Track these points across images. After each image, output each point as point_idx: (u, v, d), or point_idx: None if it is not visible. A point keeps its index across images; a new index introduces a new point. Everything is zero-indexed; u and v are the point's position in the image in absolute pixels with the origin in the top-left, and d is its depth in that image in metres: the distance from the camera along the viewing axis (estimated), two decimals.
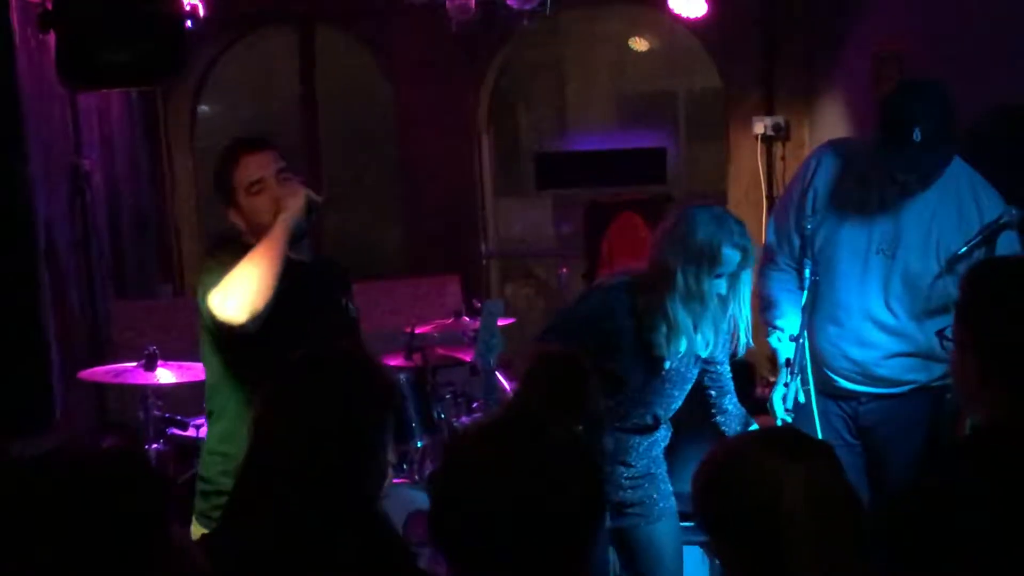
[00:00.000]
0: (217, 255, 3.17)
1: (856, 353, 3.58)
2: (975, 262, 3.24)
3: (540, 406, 2.59)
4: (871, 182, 3.58)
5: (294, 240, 3.09)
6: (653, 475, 3.60)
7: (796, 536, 1.79)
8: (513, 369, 4.32)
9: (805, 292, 3.48)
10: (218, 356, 3.23)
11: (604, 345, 3.32)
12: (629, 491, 3.52)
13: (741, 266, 3.28)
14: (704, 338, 3.41)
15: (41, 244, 4.85)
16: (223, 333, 3.06)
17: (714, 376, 3.60)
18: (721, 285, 3.29)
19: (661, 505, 3.60)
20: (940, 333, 2.84)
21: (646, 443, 3.56)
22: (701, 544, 4.40)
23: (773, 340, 3.85)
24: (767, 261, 3.90)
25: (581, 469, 1.85)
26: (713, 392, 3.64)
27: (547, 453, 1.82)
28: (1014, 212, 3.40)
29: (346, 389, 2.20)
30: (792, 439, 1.97)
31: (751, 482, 1.84)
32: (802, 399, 3.54)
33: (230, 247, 3.19)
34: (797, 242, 3.76)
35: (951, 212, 3.52)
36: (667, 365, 3.41)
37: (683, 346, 3.36)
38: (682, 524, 4.47)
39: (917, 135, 3.33)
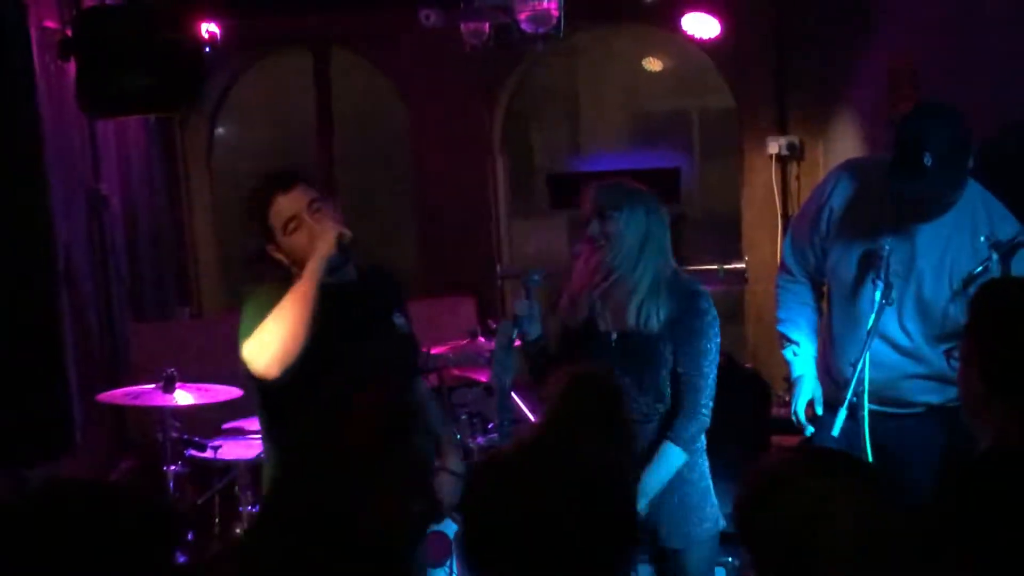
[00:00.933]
0: (258, 293, 3.23)
1: (872, 374, 3.52)
2: (984, 281, 3.24)
3: (572, 427, 2.57)
4: (888, 203, 3.58)
5: (331, 273, 3.14)
6: None
7: (842, 567, 1.75)
8: (536, 389, 4.36)
9: (872, 316, 3.41)
10: (258, 400, 3.29)
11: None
12: None
13: (597, 210, 3.36)
14: (638, 303, 3.38)
15: (60, 268, 4.89)
16: (256, 381, 3.14)
17: (679, 382, 3.40)
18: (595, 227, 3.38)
19: None
20: (948, 353, 2.83)
21: None
22: (724, 564, 4.41)
23: (788, 354, 3.86)
24: (784, 274, 3.92)
25: (615, 491, 1.84)
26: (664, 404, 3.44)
27: (582, 475, 1.82)
28: None
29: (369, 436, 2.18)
30: (844, 464, 1.91)
31: (801, 509, 1.79)
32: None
33: (275, 283, 3.24)
34: (812, 259, 3.78)
35: (965, 238, 3.52)
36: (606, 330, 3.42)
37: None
38: None
39: (928, 160, 3.32)
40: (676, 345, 3.37)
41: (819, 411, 3.74)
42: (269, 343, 3.04)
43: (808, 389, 3.78)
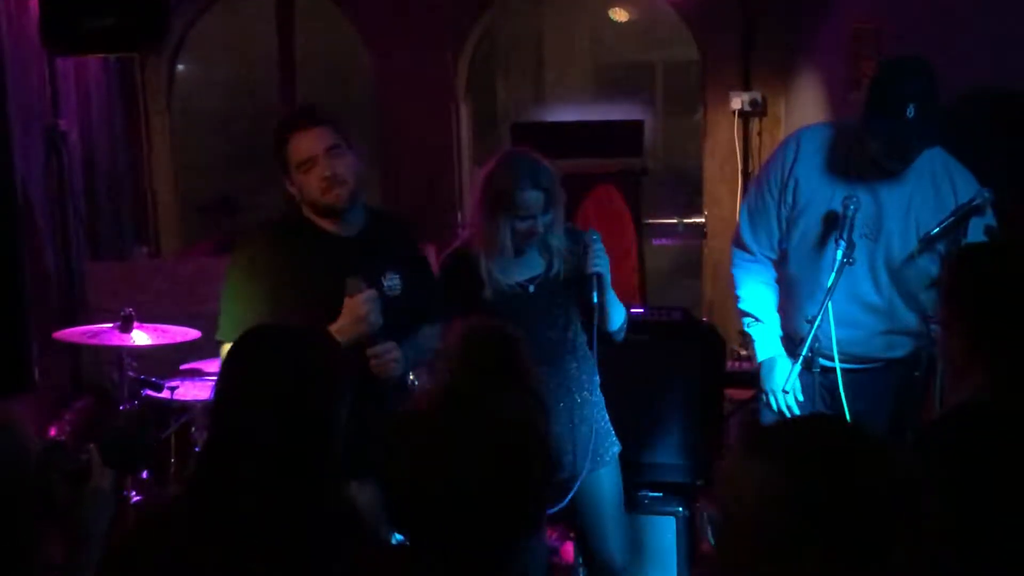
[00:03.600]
0: (255, 241, 3.34)
1: (841, 334, 3.52)
2: (958, 245, 3.30)
3: (473, 381, 2.59)
4: (851, 166, 3.61)
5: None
6: None
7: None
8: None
9: (833, 274, 3.43)
10: None
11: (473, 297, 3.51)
12: None
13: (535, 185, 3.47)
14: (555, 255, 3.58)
15: (19, 204, 4.84)
16: None
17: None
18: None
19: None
20: (926, 318, 2.87)
21: None
22: (673, 514, 4.47)
23: (753, 332, 3.85)
24: (740, 251, 3.89)
25: (530, 436, 1.88)
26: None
27: (496, 425, 1.85)
28: (986, 194, 3.46)
29: (277, 366, 2.22)
30: (777, 436, 1.78)
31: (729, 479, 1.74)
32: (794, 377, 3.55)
33: (271, 229, 3.37)
34: (777, 232, 3.77)
35: (928, 194, 3.58)
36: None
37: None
38: (652, 495, 4.54)
39: (911, 112, 3.33)
40: (579, 280, 3.57)
41: (792, 406, 3.72)
42: None
43: (784, 373, 3.72)
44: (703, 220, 7.17)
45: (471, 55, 7.60)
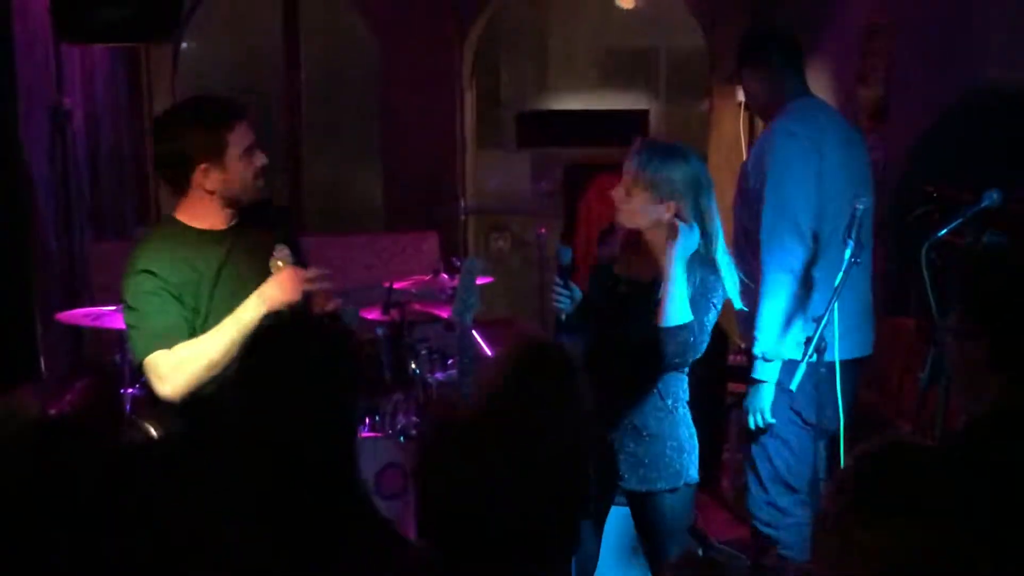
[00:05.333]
0: (159, 238, 3.15)
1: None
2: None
3: (525, 400, 2.56)
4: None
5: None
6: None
7: None
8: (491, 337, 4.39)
9: (840, 273, 3.39)
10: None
11: None
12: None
13: None
14: None
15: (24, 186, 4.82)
16: None
17: None
18: None
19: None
20: (934, 327, 2.84)
21: None
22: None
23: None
24: None
25: (567, 467, 1.89)
26: None
27: (537, 449, 1.86)
28: (995, 196, 3.43)
29: (305, 355, 2.20)
30: None
31: None
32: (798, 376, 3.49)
33: (173, 226, 3.14)
34: None
35: (760, 147, 3.89)
36: None
37: None
38: None
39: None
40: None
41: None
42: (184, 373, 2.94)
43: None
44: None
45: (475, 42, 7.57)
